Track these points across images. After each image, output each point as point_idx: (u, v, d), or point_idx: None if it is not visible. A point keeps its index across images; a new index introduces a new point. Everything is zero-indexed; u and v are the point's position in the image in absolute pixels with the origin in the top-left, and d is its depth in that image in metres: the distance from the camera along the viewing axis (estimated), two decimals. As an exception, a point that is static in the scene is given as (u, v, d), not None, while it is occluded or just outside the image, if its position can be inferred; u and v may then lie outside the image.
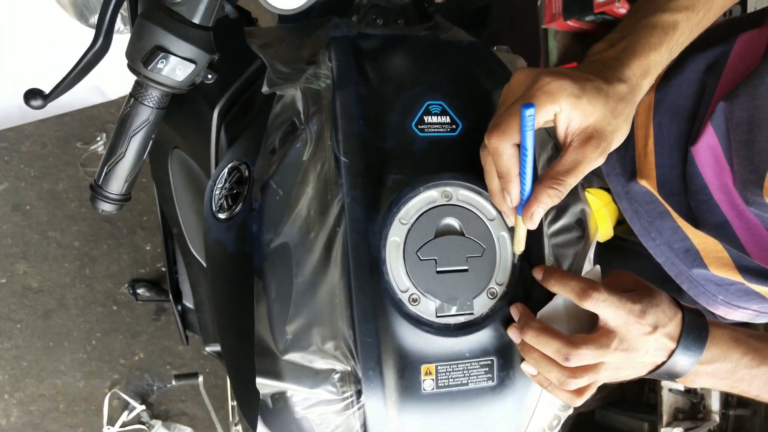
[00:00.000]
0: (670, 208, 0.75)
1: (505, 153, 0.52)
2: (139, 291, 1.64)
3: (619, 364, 0.55)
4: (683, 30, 0.57)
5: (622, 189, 0.79)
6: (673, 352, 0.55)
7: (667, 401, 1.57)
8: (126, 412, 1.64)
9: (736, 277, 0.75)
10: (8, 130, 1.62)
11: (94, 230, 1.68)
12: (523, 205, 0.54)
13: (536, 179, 0.54)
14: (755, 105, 0.62)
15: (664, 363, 0.56)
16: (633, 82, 0.54)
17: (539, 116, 0.51)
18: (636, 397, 1.86)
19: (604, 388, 1.84)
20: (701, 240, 0.75)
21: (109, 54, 0.65)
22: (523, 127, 0.49)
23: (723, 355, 0.56)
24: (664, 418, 1.57)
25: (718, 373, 0.57)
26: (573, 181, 0.53)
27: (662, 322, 0.55)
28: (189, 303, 1.12)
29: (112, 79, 1.64)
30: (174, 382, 1.54)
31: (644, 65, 0.55)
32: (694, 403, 1.58)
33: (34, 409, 1.62)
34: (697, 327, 0.56)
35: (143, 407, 1.64)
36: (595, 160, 0.53)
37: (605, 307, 0.54)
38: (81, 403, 1.64)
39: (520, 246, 0.58)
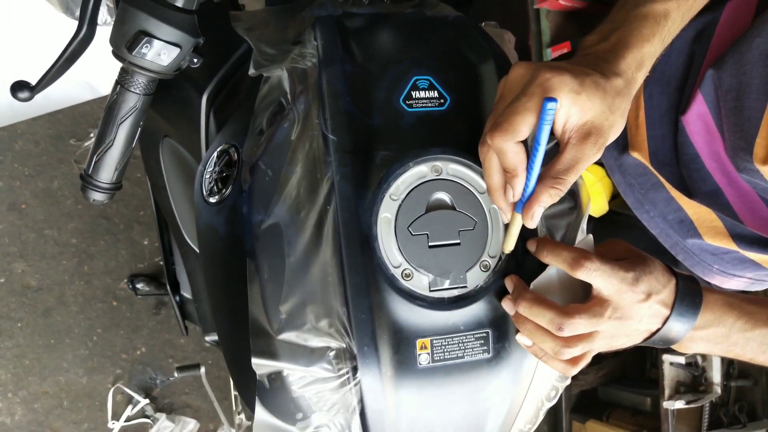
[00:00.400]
0: (662, 179, 0.75)
1: (510, 151, 0.51)
2: (139, 286, 1.64)
3: (614, 332, 0.56)
4: (674, 18, 0.56)
5: (614, 162, 0.79)
6: (667, 318, 0.55)
7: (669, 375, 1.58)
8: (130, 407, 1.64)
9: (731, 246, 0.75)
10: (0, 129, 1.62)
11: (91, 227, 1.68)
12: (523, 203, 0.54)
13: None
14: (743, 71, 0.61)
15: (658, 330, 0.56)
16: (629, 75, 0.54)
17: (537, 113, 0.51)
18: (638, 372, 1.87)
19: (605, 365, 1.85)
20: (695, 210, 0.75)
21: (99, 49, 0.65)
22: (541, 122, 0.49)
23: (717, 320, 0.56)
24: (666, 392, 1.58)
25: (712, 337, 0.57)
26: (573, 178, 0.53)
27: (656, 289, 0.55)
28: (187, 293, 1.13)
29: (102, 74, 1.64)
30: (176, 375, 1.54)
31: (638, 58, 0.54)
32: (695, 376, 1.59)
33: (38, 407, 1.63)
34: (690, 293, 0.56)
35: (147, 401, 1.65)
36: (594, 156, 0.52)
37: (597, 276, 0.54)
38: (85, 399, 1.65)
39: (511, 244, 0.58)
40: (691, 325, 0.56)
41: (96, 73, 1.61)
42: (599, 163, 0.86)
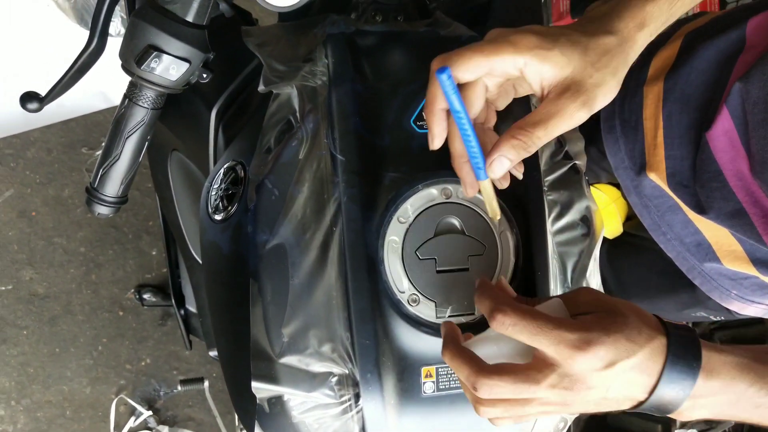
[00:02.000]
0: (679, 201, 0.73)
1: (434, 119, 0.49)
2: (145, 296, 1.64)
3: (564, 401, 0.46)
4: None
5: (631, 183, 0.77)
6: (654, 387, 0.46)
7: (680, 403, 1.54)
8: (133, 418, 1.63)
9: (751, 271, 0.73)
10: (14, 137, 1.63)
11: (100, 236, 1.68)
12: (480, 169, 0.50)
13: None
14: None
15: (646, 399, 0.47)
16: (624, 34, 0.50)
17: (496, 65, 0.47)
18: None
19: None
20: (713, 233, 0.73)
21: (113, 59, 0.64)
22: (445, 93, 0.46)
23: (725, 387, 0.47)
24: (678, 420, 1.54)
25: (718, 405, 0.48)
26: (542, 134, 0.48)
27: (622, 355, 0.45)
28: (192, 307, 1.12)
29: (116, 84, 1.64)
30: (180, 388, 1.53)
31: (639, 17, 0.51)
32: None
33: (41, 416, 1.62)
34: (685, 356, 0.46)
35: (150, 413, 1.63)
36: (574, 113, 0.48)
37: (517, 333, 0.46)
38: (88, 409, 1.64)
39: (495, 212, 0.54)
40: (688, 393, 0.46)
41: (110, 82, 1.61)
42: (615, 184, 0.85)
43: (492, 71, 0.48)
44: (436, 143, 0.51)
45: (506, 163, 0.49)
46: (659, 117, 0.72)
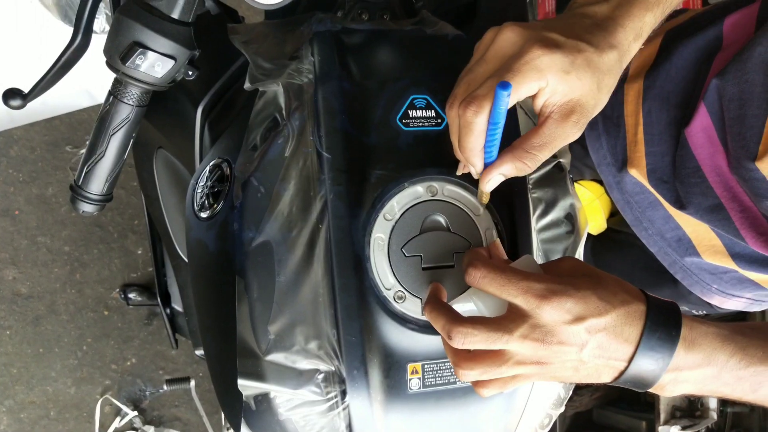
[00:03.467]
0: (660, 197, 0.74)
1: (477, 129, 0.48)
2: (131, 296, 1.63)
3: (539, 358, 0.46)
4: None
5: (613, 179, 0.78)
6: (633, 356, 0.46)
7: (665, 399, 1.56)
8: (118, 419, 1.62)
9: (730, 265, 0.74)
10: (-4, 135, 1.61)
11: (84, 235, 1.66)
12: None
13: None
14: (745, 79, 0.61)
15: (626, 369, 0.46)
16: (624, 47, 0.50)
17: (522, 91, 0.47)
18: (634, 395, 1.85)
19: (601, 387, 1.83)
20: (693, 228, 0.74)
21: (98, 57, 0.64)
22: (496, 107, 0.46)
23: (707, 359, 0.47)
24: (662, 417, 1.56)
25: (701, 379, 0.48)
26: (544, 156, 0.50)
27: (591, 312, 0.45)
28: (178, 306, 1.11)
29: (101, 82, 1.63)
30: (166, 387, 1.52)
31: (638, 27, 0.51)
32: (691, 401, 1.57)
33: (24, 417, 1.60)
34: (665, 324, 0.46)
35: (135, 413, 1.62)
36: (573, 136, 0.50)
37: (487, 285, 0.47)
38: (72, 409, 1.62)
39: (484, 198, 0.56)
40: (668, 362, 0.46)
41: (94, 80, 1.60)
42: (598, 180, 0.85)
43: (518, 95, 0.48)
44: (478, 163, 0.51)
45: (502, 179, 0.51)
46: (639, 114, 0.73)
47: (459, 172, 0.57)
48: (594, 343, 0.45)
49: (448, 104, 0.51)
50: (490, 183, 0.52)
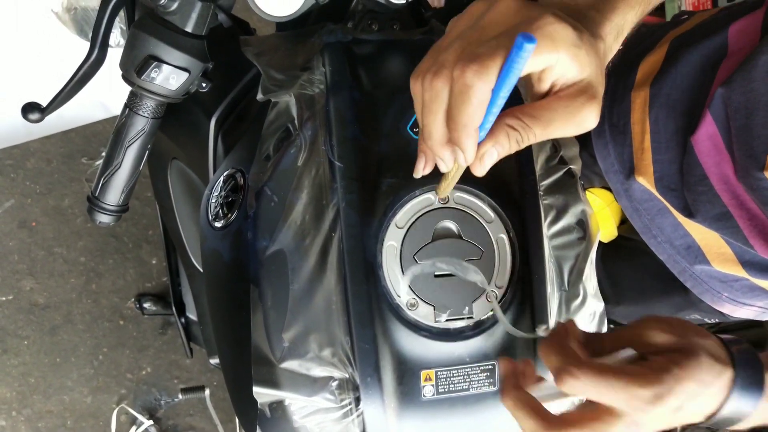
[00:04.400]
0: (668, 205, 0.74)
1: (477, 97, 0.39)
2: (146, 305, 1.64)
3: None
4: None
5: (621, 187, 0.78)
6: (714, 414, 0.45)
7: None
8: (134, 428, 1.63)
9: (740, 273, 0.73)
10: (13, 148, 1.64)
11: (100, 245, 1.68)
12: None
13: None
14: (750, 88, 0.60)
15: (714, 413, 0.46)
16: (608, 42, 0.46)
17: (533, 64, 0.40)
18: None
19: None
20: (702, 236, 0.74)
21: (113, 70, 0.65)
22: (511, 65, 0.38)
23: None
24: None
25: None
26: (539, 133, 0.42)
27: (690, 400, 0.44)
28: (192, 315, 1.12)
29: (115, 95, 1.65)
30: (180, 396, 1.53)
31: (620, 25, 0.47)
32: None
33: (41, 426, 1.62)
34: (749, 387, 0.45)
35: (151, 422, 1.63)
36: (587, 118, 0.42)
37: (586, 393, 0.43)
38: (89, 418, 1.64)
39: (447, 190, 0.51)
40: (747, 415, 0.45)
41: (109, 93, 1.62)
42: (608, 188, 0.85)
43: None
44: (471, 147, 0.43)
45: (496, 156, 0.44)
46: (646, 121, 0.73)
47: (420, 173, 0.48)
48: (687, 413, 0.45)
49: (413, 77, 0.44)
50: (484, 161, 0.43)
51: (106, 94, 1.64)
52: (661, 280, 0.78)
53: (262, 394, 0.55)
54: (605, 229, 0.83)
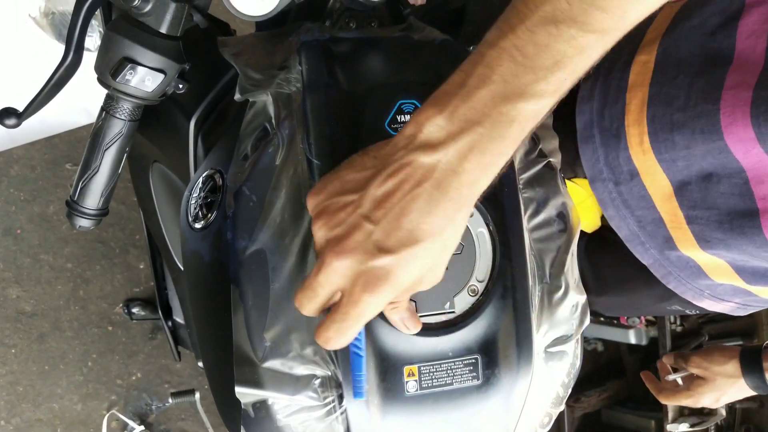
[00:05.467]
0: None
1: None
2: (134, 310, 1.63)
3: None
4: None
5: (608, 196, 0.76)
6: None
7: (671, 398, 1.55)
8: (125, 434, 1.62)
9: (737, 282, 0.73)
10: (-3, 155, 1.63)
11: (87, 251, 1.67)
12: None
13: None
14: None
15: None
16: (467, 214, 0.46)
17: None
18: (642, 395, 1.84)
19: (608, 387, 1.82)
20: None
21: (94, 74, 0.65)
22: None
23: None
24: (670, 415, 1.55)
25: None
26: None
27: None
28: (180, 319, 1.12)
29: (99, 100, 1.64)
30: (171, 401, 1.52)
31: (483, 186, 0.44)
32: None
33: (31, 435, 1.61)
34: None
35: (142, 428, 1.63)
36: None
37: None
38: (79, 426, 1.63)
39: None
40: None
41: (92, 98, 1.61)
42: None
43: None
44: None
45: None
46: (644, 122, 0.71)
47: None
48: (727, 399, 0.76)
49: (313, 207, 0.45)
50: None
51: (89, 100, 1.63)
52: (644, 271, 0.78)
53: (246, 394, 0.55)
54: (588, 220, 0.83)
